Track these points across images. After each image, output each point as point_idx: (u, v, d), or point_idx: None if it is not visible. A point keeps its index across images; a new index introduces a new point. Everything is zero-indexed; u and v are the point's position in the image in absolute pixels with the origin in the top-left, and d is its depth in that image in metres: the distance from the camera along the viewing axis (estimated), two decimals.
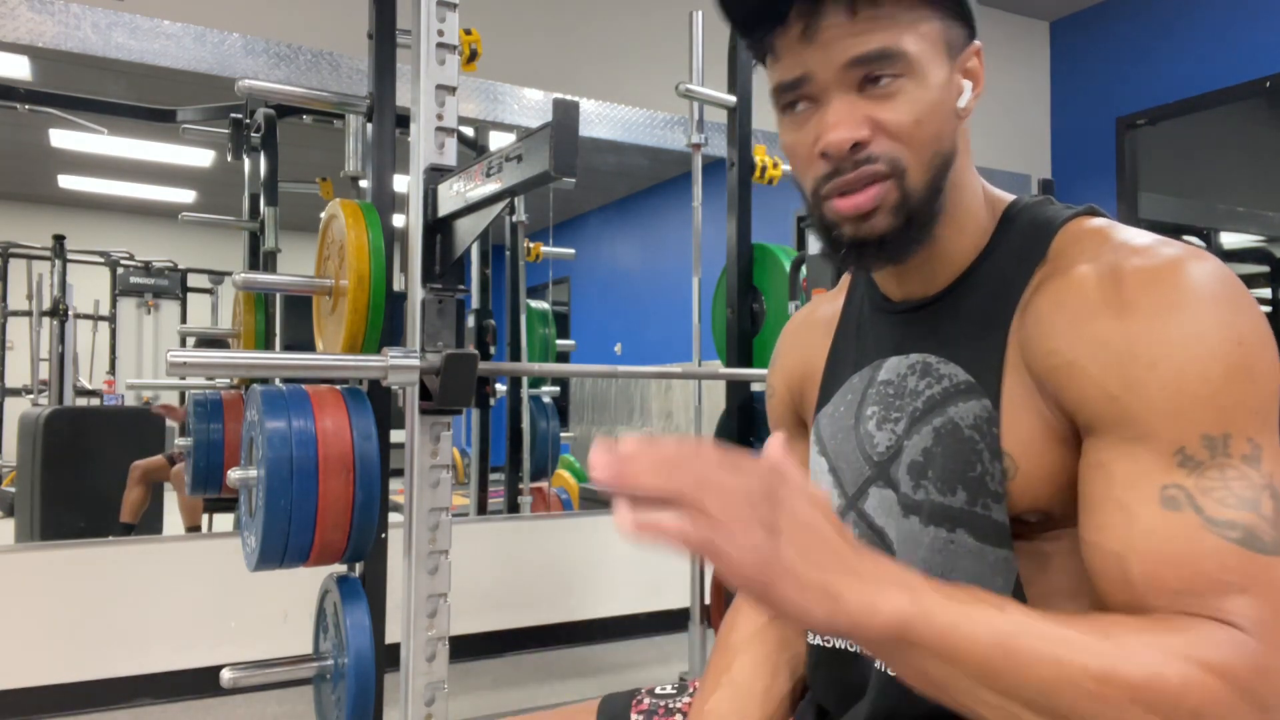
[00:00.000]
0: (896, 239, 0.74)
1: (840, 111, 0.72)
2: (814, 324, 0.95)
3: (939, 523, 0.73)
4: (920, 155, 0.73)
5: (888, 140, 0.72)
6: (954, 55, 0.75)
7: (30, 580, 2.59)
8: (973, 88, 0.76)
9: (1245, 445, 0.62)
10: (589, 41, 3.50)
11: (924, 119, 0.72)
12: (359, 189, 2.15)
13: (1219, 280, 0.65)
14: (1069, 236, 0.74)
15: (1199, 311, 0.64)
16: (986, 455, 0.71)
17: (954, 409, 0.74)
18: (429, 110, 1.41)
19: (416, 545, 1.39)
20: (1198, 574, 0.60)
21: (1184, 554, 0.61)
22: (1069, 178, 4.31)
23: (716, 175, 2.24)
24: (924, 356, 0.78)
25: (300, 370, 1.40)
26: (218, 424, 2.32)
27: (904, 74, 0.71)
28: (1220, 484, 0.61)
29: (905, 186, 0.73)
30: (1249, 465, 0.62)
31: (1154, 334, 0.64)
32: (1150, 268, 0.67)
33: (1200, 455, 0.62)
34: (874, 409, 0.81)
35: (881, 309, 0.85)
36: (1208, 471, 0.62)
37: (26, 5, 2.57)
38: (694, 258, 2.27)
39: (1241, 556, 0.60)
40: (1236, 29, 3.69)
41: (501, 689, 2.86)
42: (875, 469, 0.80)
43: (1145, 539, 0.63)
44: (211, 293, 5.64)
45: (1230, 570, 0.60)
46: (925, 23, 0.72)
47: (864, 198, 0.73)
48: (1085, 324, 0.68)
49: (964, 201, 0.77)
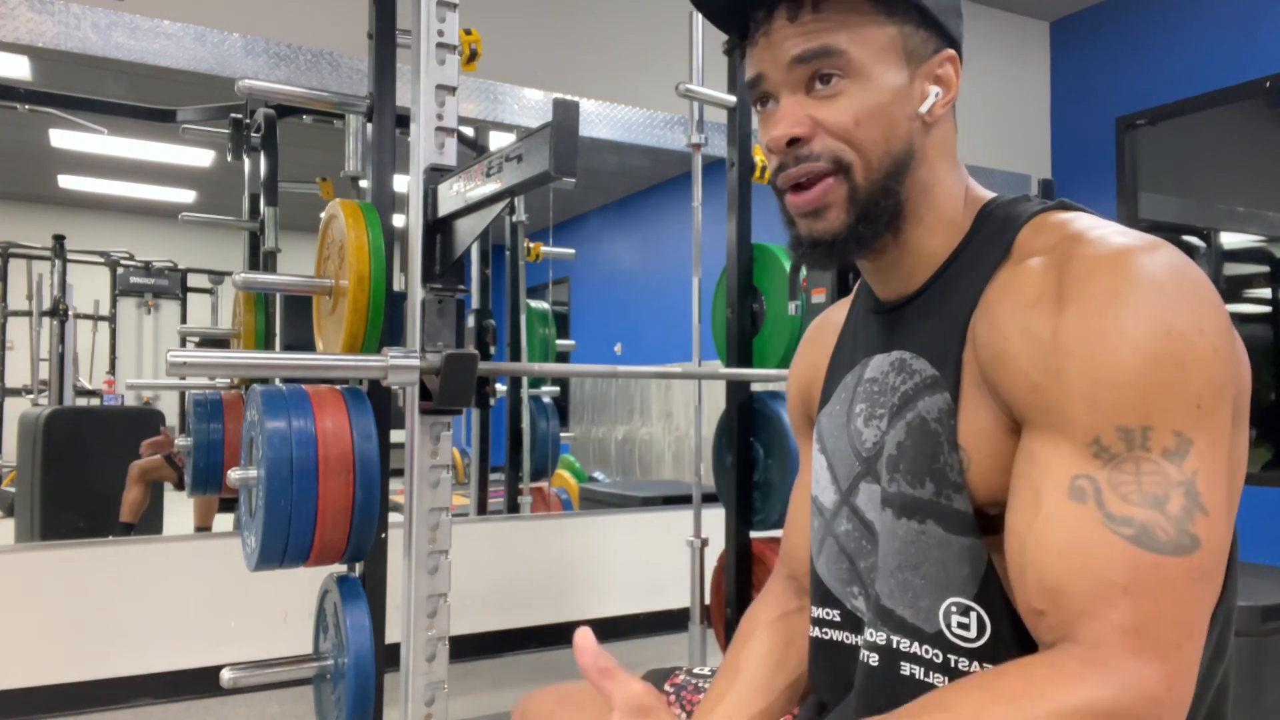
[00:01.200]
0: (849, 237, 0.77)
1: (785, 109, 0.77)
2: (826, 329, 0.99)
3: (910, 514, 0.75)
4: (865, 154, 0.75)
5: (829, 138, 0.76)
6: (916, 61, 0.77)
7: (30, 580, 2.59)
8: (942, 93, 0.78)
9: (1169, 439, 0.61)
10: (589, 41, 3.50)
11: (865, 120, 0.75)
12: (359, 189, 2.15)
13: (1165, 271, 0.64)
14: (1032, 231, 0.74)
15: (1129, 301, 0.63)
16: (946, 447, 0.72)
17: (922, 403, 0.76)
18: (429, 110, 1.41)
19: (416, 545, 1.39)
20: (1083, 569, 0.61)
21: (1075, 546, 0.61)
22: (1069, 178, 4.31)
23: (716, 175, 2.24)
24: (902, 354, 0.80)
25: (300, 370, 1.40)
26: (218, 424, 2.32)
27: (845, 74, 0.75)
28: (1131, 479, 0.61)
29: (852, 182, 0.76)
30: (1168, 460, 0.61)
31: (1079, 323, 0.64)
32: (1094, 257, 0.66)
33: (1116, 447, 0.62)
34: (862, 406, 0.84)
35: (872, 310, 0.87)
36: (1123, 464, 0.61)
37: (26, 5, 2.57)
38: (694, 258, 2.27)
39: (1130, 554, 0.60)
40: (1236, 29, 3.69)
41: (501, 689, 2.86)
42: (864, 464, 0.82)
43: (1044, 525, 0.64)
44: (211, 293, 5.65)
45: (1115, 567, 0.60)
46: (875, 28, 0.75)
47: (812, 194, 0.77)
48: (1020, 314, 0.68)
49: (935, 203, 0.79)
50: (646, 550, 3.40)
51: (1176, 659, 0.59)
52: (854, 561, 0.83)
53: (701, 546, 2.22)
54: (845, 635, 0.85)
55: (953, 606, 0.72)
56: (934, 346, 0.77)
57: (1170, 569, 0.59)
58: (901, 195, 0.77)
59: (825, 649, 0.87)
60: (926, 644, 0.73)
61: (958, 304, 0.75)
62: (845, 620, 0.85)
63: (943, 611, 0.72)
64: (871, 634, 0.78)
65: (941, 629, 0.73)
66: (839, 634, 0.85)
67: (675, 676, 1.02)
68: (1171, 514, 0.60)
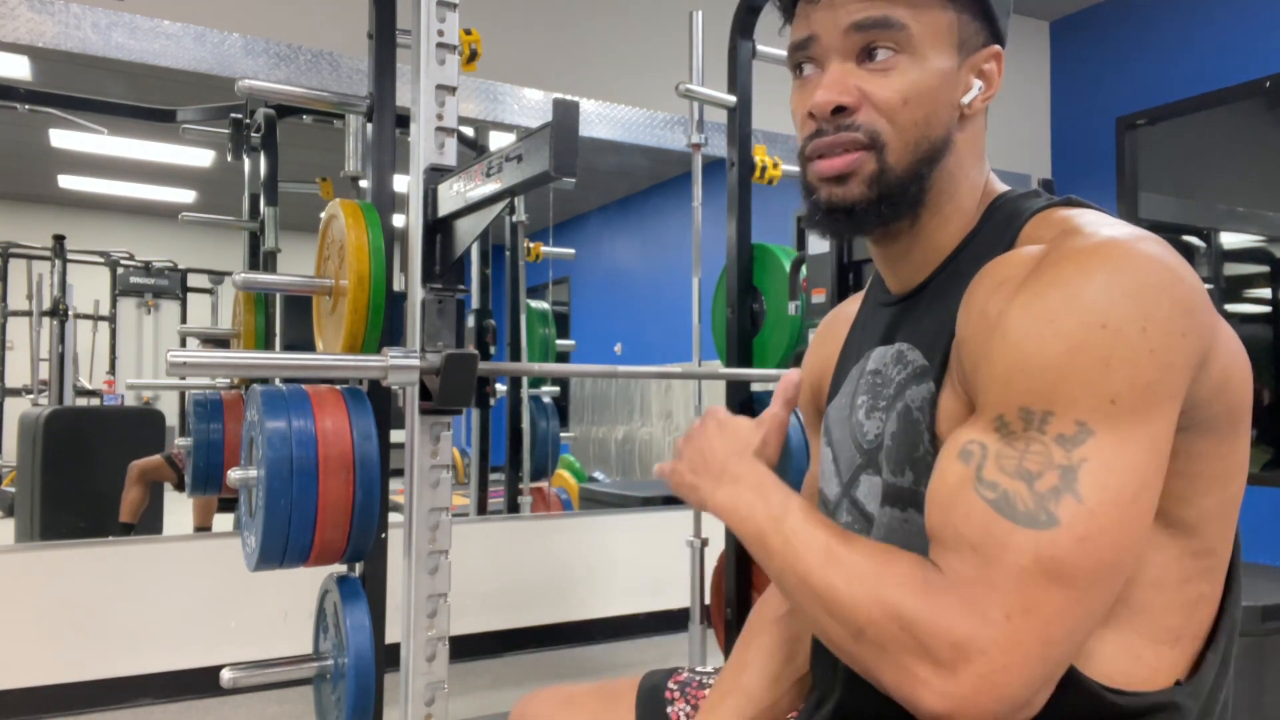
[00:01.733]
0: (865, 210, 0.76)
1: (833, 76, 0.76)
2: (838, 322, 0.99)
3: (893, 503, 0.76)
4: (903, 135, 0.75)
5: (873, 112, 0.75)
6: (966, 51, 0.77)
7: (30, 580, 2.59)
8: (984, 88, 0.78)
9: (1068, 426, 0.61)
10: (589, 41, 3.50)
11: (913, 100, 0.74)
12: (359, 189, 2.15)
13: (1133, 266, 0.63)
14: (1036, 224, 0.74)
15: (1074, 291, 0.62)
16: (926, 436, 0.73)
17: (909, 393, 0.76)
18: (429, 110, 1.41)
19: (416, 545, 1.39)
20: (947, 521, 0.63)
21: (947, 500, 0.64)
22: (1069, 178, 4.31)
23: (716, 175, 2.24)
24: (901, 345, 0.81)
25: (300, 370, 1.40)
26: (218, 424, 2.32)
27: (901, 50, 0.74)
28: (1017, 453, 0.62)
29: (883, 160, 0.75)
30: (1060, 445, 0.61)
31: (1021, 308, 0.64)
32: (1071, 249, 0.66)
33: (1015, 425, 0.63)
34: (864, 398, 0.84)
35: (881, 302, 0.87)
36: (1015, 441, 0.62)
37: (26, 5, 2.57)
38: (694, 258, 2.26)
39: (987, 517, 0.61)
40: (1236, 29, 3.69)
41: (501, 689, 2.86)
42: (865, 456, 0.82)
43: (935, 479, 0.66)
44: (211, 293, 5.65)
45: (971, 525, 0.62)
46: (936, 9, 0.75)
47: (840, 161, 0.75)
48: (984, 300, 0.69)
49: (956, 195, 0.79)
50: (646, 550, 3.40)
51: (997, 628, 0.59)
52: None
53: (701, 546, 2.22)
54: None
55: None
56: (928, 337, 0.77)
57: (1017, 539, 0.59)
58: (928, 183, 0.77)
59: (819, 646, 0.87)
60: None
61: (954, 295, 0.75)
62: None
63: None
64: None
65: None
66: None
67: (679, 675, 1.02)
68: (1038, 490, 0.60)
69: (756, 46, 2.15)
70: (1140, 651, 0.68)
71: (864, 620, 0.63)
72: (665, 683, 1.00)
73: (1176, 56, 3.91)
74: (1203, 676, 0.70)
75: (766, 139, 3.54)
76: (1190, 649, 0.71)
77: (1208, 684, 0.71)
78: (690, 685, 1.00)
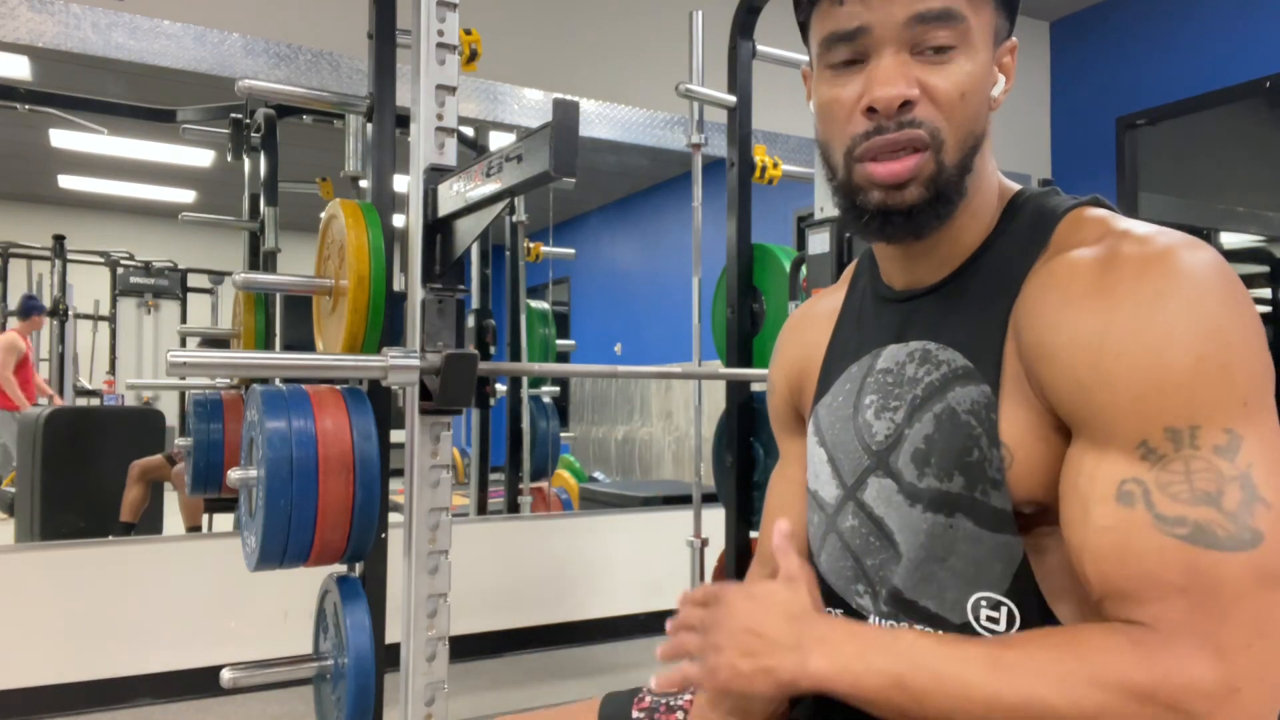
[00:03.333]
0: (924, 212, 0.74)
1: (892, 68, 0.72)
2: (814, 318, 0.95)
3: (937, 509, 0.73)
4: (958, 131, 0.73)
5: (933, 107, 0.72)
6: (996, 44, 0.76)
7: (30, 580, 2.59)
8: (1005, 82, 0.77)
9: (1219, 436, 0.60)
10: (589, 41, 3.50)
11: (969, 94, 0.73)
12: (359, 189, 2.16)
13: (1208, 271, 0.64)
14: (1071, 224, 0.73)
15: (1177, 301, 0.62)
16: (985, 441, 0.71)
17: (952, 394, 0.74)
18: (429, 110, 1.41)
19: (416, 545, 1.39)
20: (1140, 573, 0.60)
21: (1129, 552, 0.61)
22: (1069, 178, 4.31)
23: (716, 175, 2.24)
24: (924, 344, 0.78)
25: (300, 370, 1.40)
26: (218, 424, 2.32)
27: (958, 45, 0.72)
28: (1181, 477, 0.60)
29: (941, 159, 0.73)
30: (1220, 456, 0.60)
31: (1127, 323, 0.63)
32: (1142, 256, 0.66)
33: (1164, 448, 0.61)
34: (872, 398, 0.81)
35: (884, 298, 0.84)
36: (1171, 464, 0.61)
37: (26, 5, 2.57)
38: (694, 258, 2.26)
39: (1185, 554, 0.59)
40: (1236, 29, 3.69)
41: (501, 689, 2.86)
42: (874, 458, 0.80)
43: (1097, 536, 0.63)
44: (211, 293, 5.65)
45: (1171, 568, 0.59)
46: (985, 3, 0.74)
47: (903, 166, 0.72)
48: (1066, 310, 0.67)
49: (982, 190, 0.78)
50: (646, 550, 3.40)
51: (1242, 659, 0.57)
52: (859, 559, 0.81)
53: (701, 546, 2.22)
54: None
55: (982, 600, 0.71)
56: (967, 337, 0.75)
57: (1231, 566, 0.57)
58: (971, 177, 0.75)
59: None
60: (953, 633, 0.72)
61: (994, 295, 0.74)
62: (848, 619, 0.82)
63: (971, 604, 0.72)
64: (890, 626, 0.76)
65: (969, 620, 0.72)
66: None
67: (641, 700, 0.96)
68: (1228, 509, 0.58)
69: (756, 46, 2.15)
70: None
71: (1094, 712, 0.58)
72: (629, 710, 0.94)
73: (1176, 56, 3.91)
74: None
75: (766, 139, 3.54)
76: None
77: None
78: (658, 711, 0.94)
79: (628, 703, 0.96)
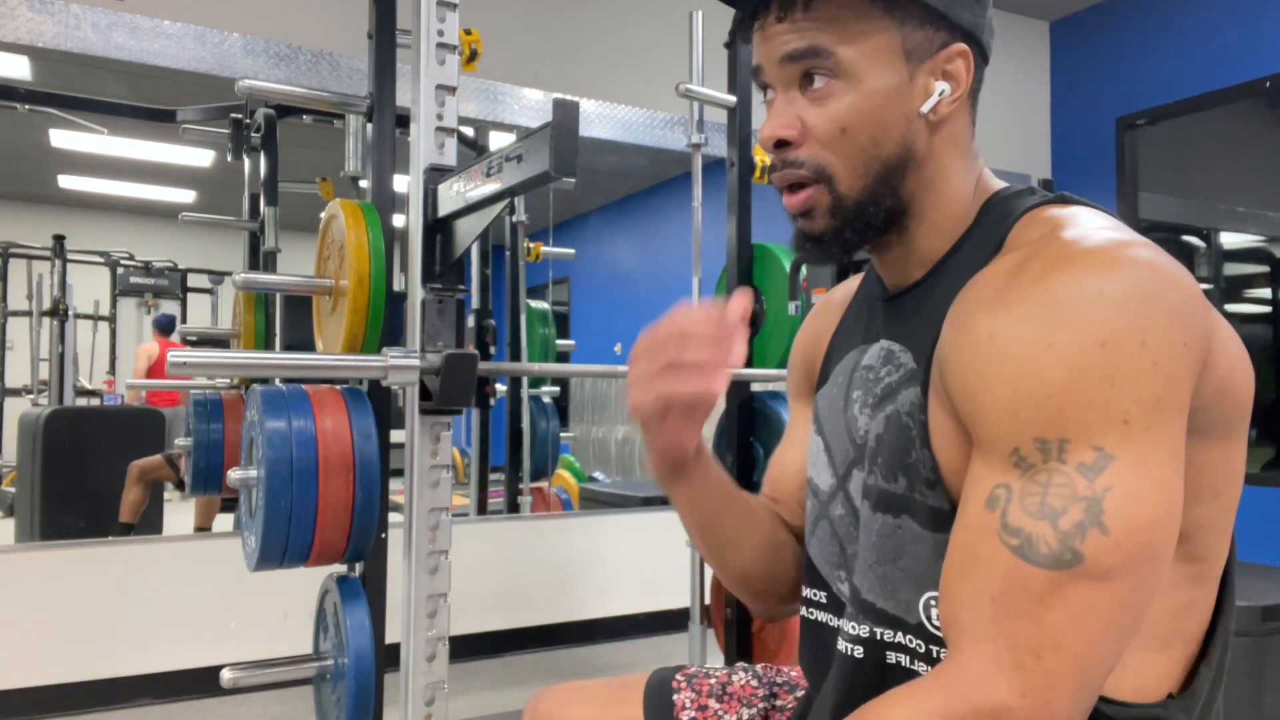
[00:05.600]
0: (832, 239, 0.77)
1: (779, 108, 0.76)
2: (833, 304, 0.99)
3: (885, 509, 0.75)
4: (849, 162, 0.74)
5: (816, 146, 0.75)
6: (918, 59, 0.74)
7: (30, 580, 2.59)
8: (950, 90, 0.74)
9: (1086, 452, 0.59)
10: (589, 41, 3.50)
11: (853, 125, 0.73)
12: (359, 189, 2.15)
13: (1125, 275, 0.61)
14: (1024, 224, 0.72)
15: (1068, 309, 0.61)
16: (918, 443, 0.72)
17: (900, 396, 0.75)
18: (429, 110, 1.41)
19: (416, 545, 1.39)
20: (966, 575, 0.62)
21: (972, 554, 0.63)
22: (1069, 178, 4.31)
23: (716, 175, 2.23)
24: (890, 344, 0.80)
25: (300, 370, 1.40)
26: (218, 424, 2.32)
27: (836, 75, 0.73)
28: (1039, 489, 0.60)
29: (835, 192, 0.75)
30: (1081, 474, 0.59)
31: (1012, 329, 0.63)
32: (1055, 257, 0.64)
33: (1033, 458, 0.61)
34: (858, 392, 0.83)
35: (875, 296, 0.87)
36: (1036, 475, 0.60)
37: (26, 5, 2.57)
38: (694, 258, 2.26)
39: (1008, 563, 0.60)
40: (1236, 29, 3.69)
41: (501, 689, 2.86)
42: (858, 451, 0.82)
43: (960, 533, 0.65)
44: (211, 293, 5.65)
45: (991, 574, 0.60)
46: (869, 27, 0.73)
47: (798, 199, 0.77)
48: (971, 315, 0.67)
49: (942, 201, 0.77)
50: (647, 550, 3.40)
51: (1035, 670, 0.58)
52: (844, 546, 0.84)
53: None
54: (829, 617, 0.85)
55: (931, 600, 0.72)
56: (916, 340, 0.77)
57: (1039, 581, 0.59)
58: (901, 197, 0.76)
59: (811, 629, 0.88)
60: (910, 634, 0.73)
61: (942, 299, 0.74)
62: (830, 602, 0.86)
63: (922, 604, 0.73)
64: (854, 627, 0.78)
65: (923, 620, 0.73)
66: (824, 615, 0.86)
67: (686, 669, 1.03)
68: (1062, 528, 0.59)
69: None
70: (1128, 658, 0.67)
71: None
72: (673, 675, 1.02)
73: (1176, 56, 3.91)
74: (1196, 690, 0.70)
75: None
76: (1181, 656, 0.70)
77: (1201, 698, 0.70)
78: (696, 677, 1.01)
79: (673, 672, 1.02)
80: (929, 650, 0.72)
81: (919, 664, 0.73)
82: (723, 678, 1.01)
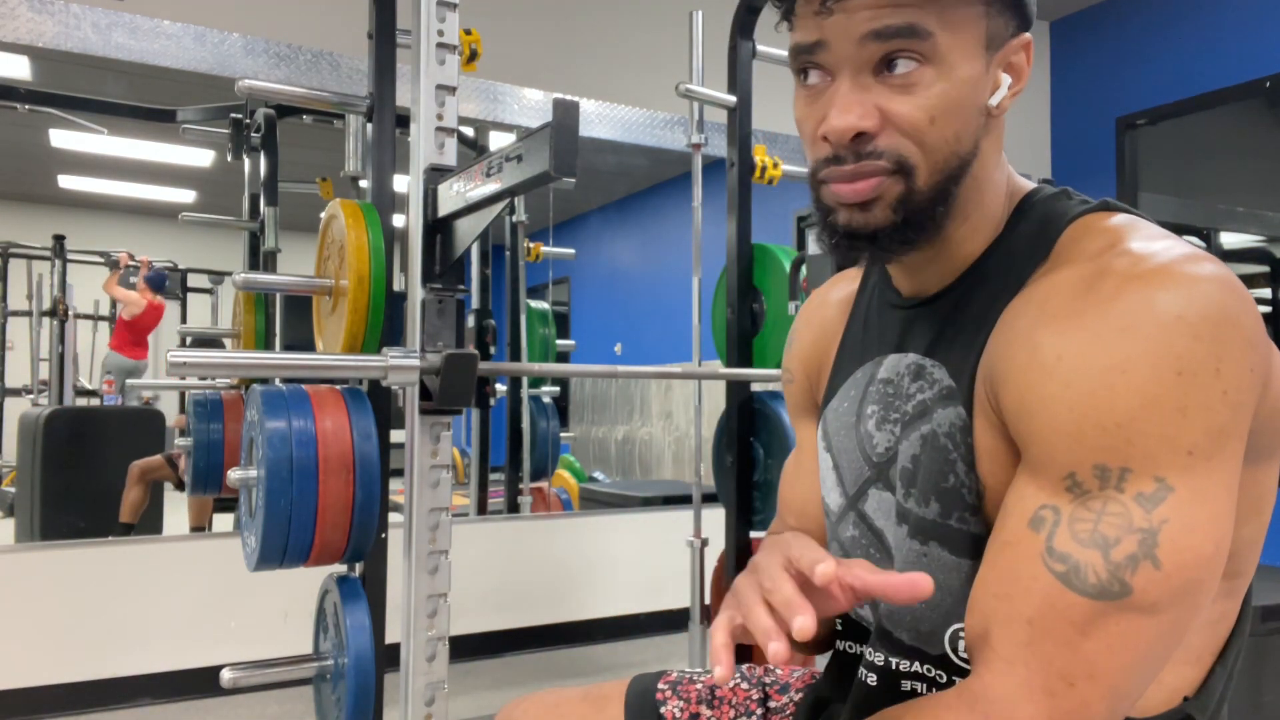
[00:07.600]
0: (891, 235, 0.69)
1: (849, 95, 0.67)
2: (829, 306, 0.92)
3: (914, 535, 0.71)
4: (932, 156, 0.67)
5: (897, 135, 0.67)
6: (994, 48, 0.69)
7: (30, 580, 2.59)
8: (1012, 83, 0.70)
9: (1147, 483, 0.57)
10: (589, 41, 3.50)
11: (941, 117, 0.66)
12: (359, 189, 2.16)
13: (1197, 298, 0.57)
14: (1076, 233, 0.68)
15: (1144, 334, 0.57)
16: (961, 466, 0.68)
17: (936, 415, 0.71)
18: (429, 110, 1.41)
19: (416, 545, 1.39)
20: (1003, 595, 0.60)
21: (1013, 574, 0.60)
22: (1069, 178, 4.31)
23: (716, 175, 2.23)
24: (919, 358, 0.75)
25: (300, 370, 1.40)
26: (218, 424, 2.32)
27: (926, 62, 0.65)
28: (1092, 516, 0.58)
29: (910, 185, 0.68)
30: (1139, 504, 0.57)
31: (1083, 351, 0.59)
32: (1125, 277, 0.60)
33: (1089, 484, 0.58)
34: (874, 408, 0.79)
35: (890, 303, 0.81)
36: (1090, 502, 0.58)
37: (26, 5, 2.56)
38: (694, 258, 2.26)
39: (1050, 589, 0.58)
40: (1236, 29, 3.69)
41: (501, 689, 2.86)
42: (875, 470, 0.78)
43: (999, 550, 0.62)
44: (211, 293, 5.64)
45: (1031, 597, 0.59)
46: (965, 7, 0.66)
47: (864, 185, 0.67)
48: (1034, 332, 0.63)
49: (984, 200, 0.73)
50: (646, 550, 3.40)
51: (1066, 696, 0.57)
52: None
53: (701, 546, 2.22)
54: (849, 645, 0.83)
55: (959, 631, 0.69)
56: (953, 354, 0.71)
57: (1081, 610, 0.57)
58: (957, 195, 0.70)
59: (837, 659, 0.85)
60: (930, 664, 0.71)
61: (984, 310, 0.70)
62: (849, 629, 0.83)
63: (948, 636, 0.70)
64: (870, 653, 0.75)
65: (946, 652, 0.70)
66: (843, 643, 0.84)
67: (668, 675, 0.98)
68: (1113, 559, 0.57)
69: (757, 46, 2.15)
70: (1162, 676, 0.66)
71: None
72: (655, 684, 0.96)
73: (1176, 56, 3.91)
74: (1210, 690, 0.69)
75: (766, 139, 3.54)
76: (1205, 665, 0.69)
77: (1215, 697, 0.69)
78: (681, 683, 0.96)
79: (654, 680, 0.97)
80: (950, 681, 0.70)
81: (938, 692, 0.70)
82: (709, 681, 0.97)
